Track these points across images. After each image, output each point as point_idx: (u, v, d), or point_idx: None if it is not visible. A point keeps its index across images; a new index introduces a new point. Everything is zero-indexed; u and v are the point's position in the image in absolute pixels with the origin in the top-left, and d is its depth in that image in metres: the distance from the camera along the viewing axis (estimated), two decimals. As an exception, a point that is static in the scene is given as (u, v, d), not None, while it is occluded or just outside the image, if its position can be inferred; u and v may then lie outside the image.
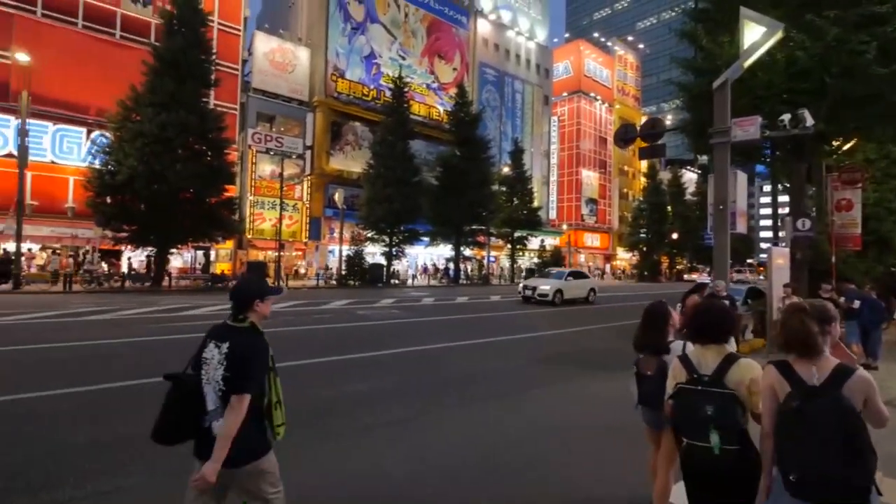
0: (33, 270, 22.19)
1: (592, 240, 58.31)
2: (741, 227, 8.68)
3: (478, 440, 4.60)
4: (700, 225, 49.07)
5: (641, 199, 54.46)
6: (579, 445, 4.62)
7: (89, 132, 24.79)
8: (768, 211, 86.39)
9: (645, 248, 52.01)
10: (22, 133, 19.51)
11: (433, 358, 8.51)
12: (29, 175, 23.63)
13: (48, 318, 11.48)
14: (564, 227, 52.19)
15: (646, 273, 52.40)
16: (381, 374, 7.13)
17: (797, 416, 1.70)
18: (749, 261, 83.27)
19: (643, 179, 56.28)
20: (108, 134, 22.42)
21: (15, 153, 23.30)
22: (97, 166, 20.60)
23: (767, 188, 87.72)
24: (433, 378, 7.11)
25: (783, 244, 10.31)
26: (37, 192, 24.13)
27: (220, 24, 29.90)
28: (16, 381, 6.08)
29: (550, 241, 49.32)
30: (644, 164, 62.45)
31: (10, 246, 23.34)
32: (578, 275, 21.91)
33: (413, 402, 5.74)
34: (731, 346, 2.28)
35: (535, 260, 43.14)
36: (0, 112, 22.89)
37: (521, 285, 21.16)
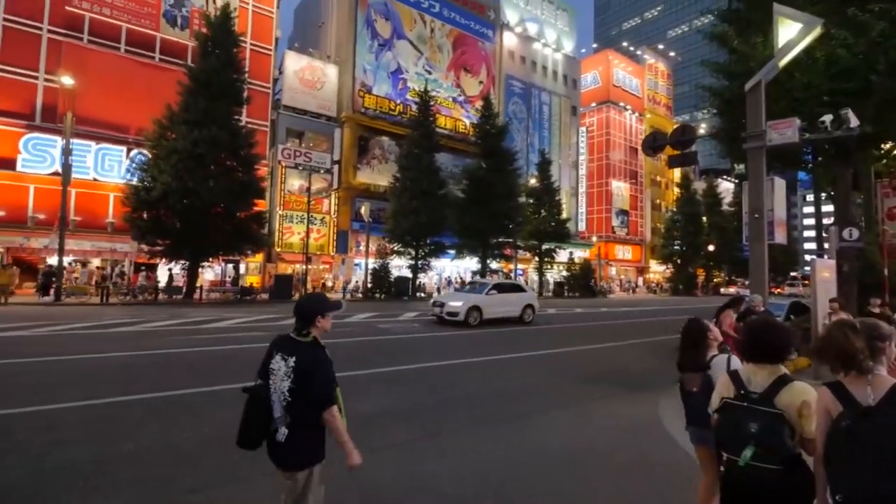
0: (79, 282, 23.08)
1: (624, 252, 56.83)
2: (780, 238, 8.09)
3: (486, 469, 4.28)
4: (738, 237, 47.04)
5: (675, 209, 52.84)
6: (599, 480, 4.23)
7: (129, 150, 25.88)
8: (811, 221, 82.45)
9: (679, 261, 50.28)
10: (66, 152, 20.52)
11: (448, 374, 8.22)
12: (73, 192, 24.85)
13: (73, 329, 11.79)
14: (594, 239, 51.07)
15: (680, 287, 50.60)
16: (391, 392, 6.90)
17: (847, 436, 1.69)
18: (792, 273, 79.43)
19: (676, 190, 54.67)
20: (145, 152, 23.38)
21: (61, 171, 24.66)
22: (134, 183, 21.37)
23: (811, 197, 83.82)
24: (444, 396, 6.82)
25: (828, 256, 9.58)
26: (80, 208, 25.30)
27: (252, 44, 30.99)
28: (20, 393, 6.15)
29: (580, 254, 48.30)
30: (677, 174, 60.75)
31: (55, 259, 24.63)
32: (509, 287, 17.57)
33: (421, 423, 5.47)
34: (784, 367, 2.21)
35: (564, 273, 42.25)
36: (48, 133, 24.11)
37: (431, 301, 17.53)
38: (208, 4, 28.72)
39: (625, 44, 73.26)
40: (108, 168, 25.89)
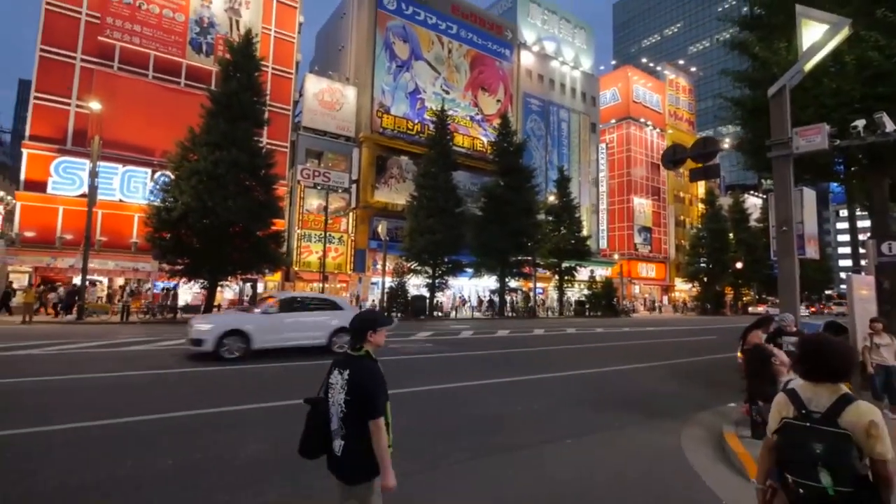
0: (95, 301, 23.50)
1: (647, 270, 55.41)
2: (811, 252, 7.51)
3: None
4: (767, 254, 45.26)
5: (699, 226, 51.43)
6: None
7: (154, 172, 26.58)
8: (846, 238, 79.26)
9: (706, 279, 48.69)
10: (91, 174, 21.14)
11: (455, 398, 7.80)
12: (99, 213, 25.62)
13: (81, 349, 11.82)
14: (616, 256, 49.97)
15: (708, 306, 48.87)
16: (393, 417, 6.52)
17: None
18: (827, 292, 76.09)
19: (701, 206, 53.33)
20: (168, 173, 23.94)
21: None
22: (156, 203, 21.80)
23: (844, 212, 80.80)
24: (450, 422, 6.42)
25: (866, 272, 8.90)
26: (106, 228, 25.97)
27: (273, 68, 31.79)
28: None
29: (601, 272, 47.25)
30: (701, 190, 59.41)
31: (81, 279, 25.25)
32: (310, 304, 12.35)
33: (420, 453, 5.08)
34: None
35: (586, 292, 41.28)
36: (78, 156, 24.97)
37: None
38: (232, 31, 29.67)
39: (644, 60, 72.85)
40: (134, 189, 26.60)
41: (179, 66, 28.60)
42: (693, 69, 69.21)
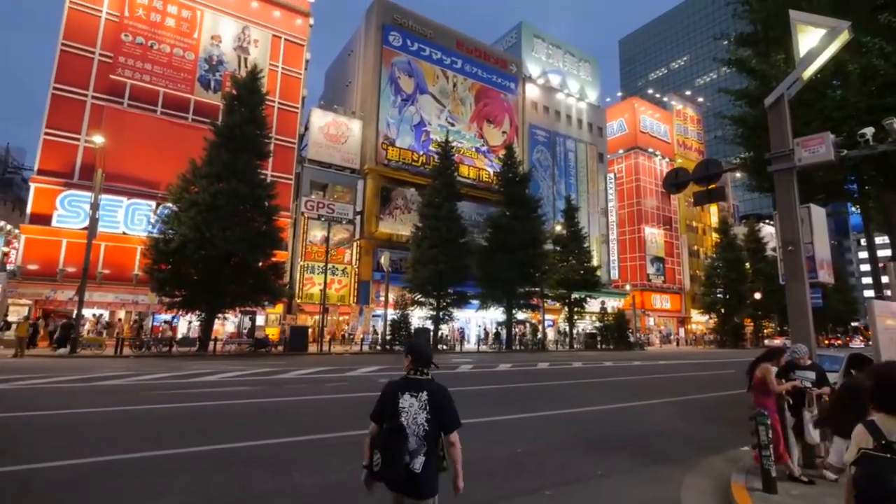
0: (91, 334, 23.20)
1: (662, 301, 53.87)
2: (824, 277, 6.76)
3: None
4: (787, 283, 43.82)
5: (714, 255, 50.13)
6: None
7: (158, 205, 26.72)
8: (869, 267, 76.81)
9: (723, 310, 46.99)
10: (93, 207, 21.20)
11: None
12: (102, 245, 25.74)
13: (52, 383, 11.31)
14: (627, 287, 48.70)
15: (726, 338, 46.97)
16: (351, 463, 5.79)
17: None
18: (854, 324, 73.04)
19: (715, 235, 52.17)
20: (171, 205, 24.00)
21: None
22: (155, 235, 21.71)
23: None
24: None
25: (890, 297, 8.06)
26: (109, 261, 25.99)
27: (280, 103, 32.42)
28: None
29: (613, 304, 45.96)
30: (714, 219, 58.41)
31: (88, 312, 25.09)
32: None
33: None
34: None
35: (597, 323, 39.99)
36: (83, 189, 25.27)
37: None
38: (240, 68, 30.41)
39: (648, 89, 73.41)
40: (137, 222, 26.74)
41: (188, 101, 29.26)
42: (700, 100, 69.35)
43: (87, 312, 25.53)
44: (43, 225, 24.62)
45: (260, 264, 23.64)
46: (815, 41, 6.51)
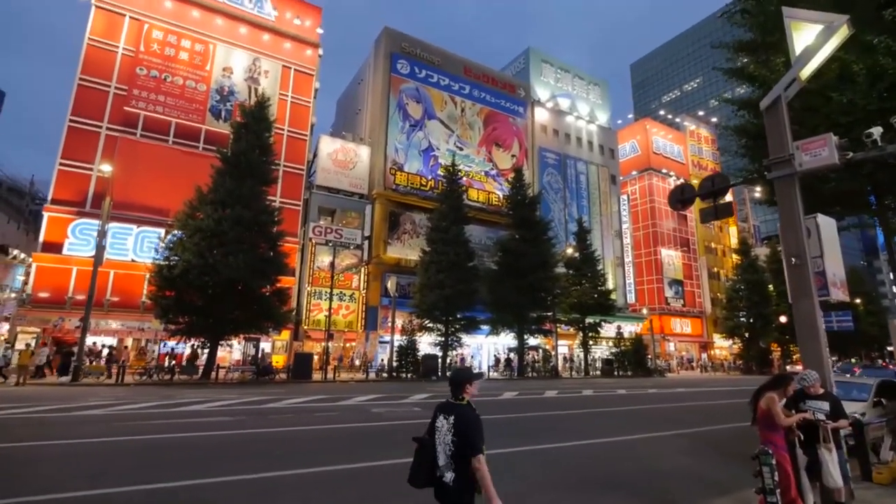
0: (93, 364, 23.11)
1: (682, 326, 52.03)
2: (837, 294, 6.08)
3: None
4: (814, 305, 41.88)
5: (735, 278, 48.40)
6: None
7: (167, 233, 26.98)
8: (903, 287, 73.43)
9: (747, 335, 44.99)
10: (99, 234, 21.45)
11: (402, 478, 6.40)
12: (111, 273, 25.96)
13: (23, 412, 11.00)
14: (644, 311, 47.17)
15: (752, 364, 44.82)
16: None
17: None
18: (890, 348, 69.44)
19: (735, 256, 50.55)
20: (177, 232, 24.16)
21: (107, 256, 25.86)
22: (159, 262, 21.75)
23: (897, 261, 75.35)
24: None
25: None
26: (117, 288, 26.16)
27: (289, 130, 32.94)
28: None
29: (630, 328, 44.50)
30: (734, 240, 56.81)
31: (95, 339, 25.19)
32: None
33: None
34: None
35: (614, 349, 38.58)
36: (95, 218, 25.55)
37: None
38: (251, 98, 31.03)
39: (661, 111, 72.99)
40: (146, 250, 26.89)
41: (199, 131, 29.88)
42: (714, 120, 68.53)
43: (97, 340, 25.72)
44: (54, 253, 24.98)
45: (264, 290, 23.48)
46: (811, 38, 6.02)
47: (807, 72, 6.12)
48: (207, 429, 9.25)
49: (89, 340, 25.38)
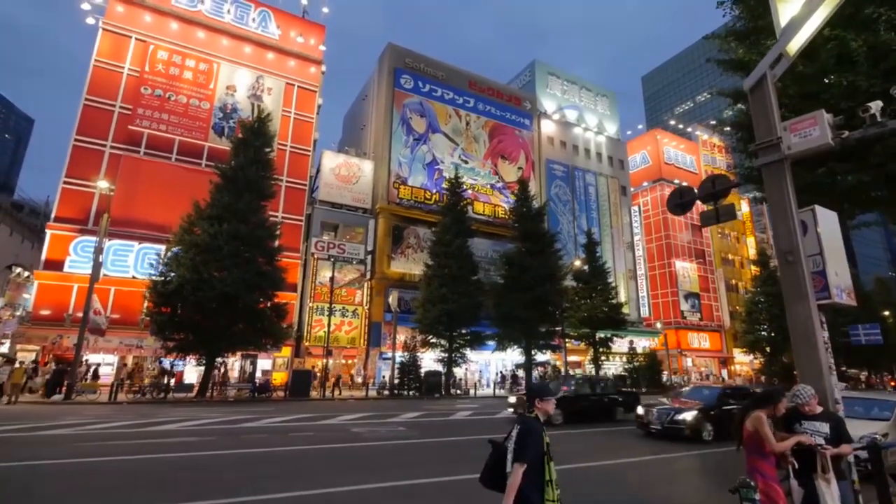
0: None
1: (700, 340, 50.14)
2: (841, 296, 5.29)
3: None
4: (840, 318, 39.88)
5: (755, 290, 46.56)
6: None
7: (167, 249, 26.93)
8: (936, 299, 69.97)
9: (769, 349, 42.98)
10: (97, 251, 21.40)
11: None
12: (112, 290, 25.93)
13: None
14: (658, 325, 45.56)
15: (775, 379, 42.69)
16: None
17: None
18: (924, 363, 65.96)
19: (753, 268, 48.75)
20: (175, 248, 24.03)
21: (106, 272, 25.86)
22: (155, 277, 21.56)
23: (928, 271, 72.27)
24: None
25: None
26: (118, 305, 26.08)
27: (292, 146, 32.98)
28: None
29: (644, 343, 43.01)
30: (752, 250, 55.04)
31: (95, 357, 25.06)
32: None
33: None
34: None
35: (628, 365, 37.16)
36: (96, 235, 25.70)
37: None
38: (253, 115, 31.16)
39: (672, 122, 71.94)
40: (147, 266, 26.72)
41: (202, 148, 30.04)
42: (728, 129, 67.27)
43: (91, 358, 25.57)
44: (56, 271, 25.05)
45: (262, 306, 23.10)
46: (796, 9, 5.35)
47: (794, 46, 5.44)
48: (164, 450, 8.67)
49: (95, 359, 25.42)
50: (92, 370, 23.91)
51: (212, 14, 32.31)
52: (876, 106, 4.66)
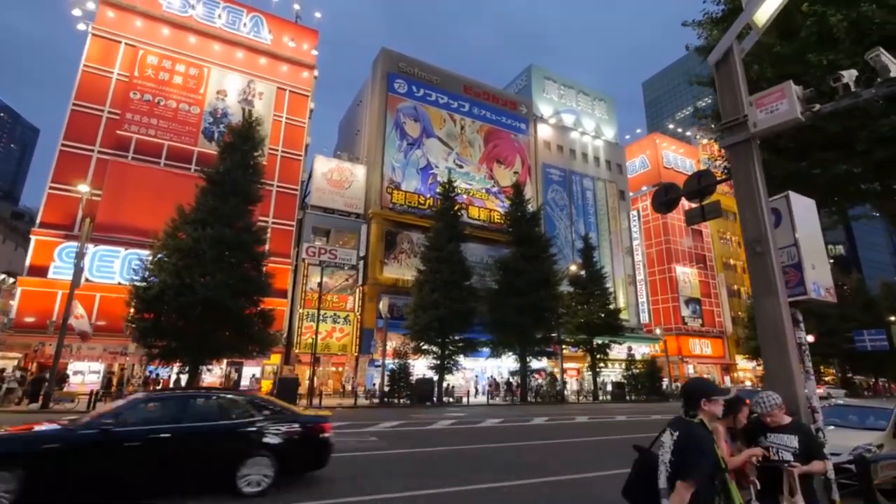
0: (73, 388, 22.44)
1: (702, 347, 49.27)
2: (818, 291, 4.74)
3: None
4: (844, 324, 39.03)
5: (756, 295, 45.78)
6: None
7: (153, 254, 26.51)
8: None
9: (772, 355, 42.08)
10: (78, 256, 21.03)
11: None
12: (98, 296, 25.54)
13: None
14: (658, 331, 44.75)
15: (779, 387, 41.78)
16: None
17: None
18: (933, 369, 64.70)
19: (755, 272, 47.94)
20: (160, 254, 23.60)
21: (91, 278, 25.53)
22: (136, 283, 21.12)
23: (935, 276, 71.17)
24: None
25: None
26: (103, 312, 25.62)
27: (283, 151, 32.66)
28: None
29: (644, 349, 42.23)
30: (754, 256, 54.15)
31: (79, 365, 24.64)
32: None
33: None
34: None
35: (626, 372, 36.36)
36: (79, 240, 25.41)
37: None
38: (244, 119, 30.91)
39: (671, 126, 71.48)
40: (133, 272, 26.46)
41: (191, 153, 29.75)
42: (706, 118, 66.74)
43: (82, 366, 25.16)
44: (40, 277, 24.69)
45: (249, 311, 22.60)
46: (764, -27, 4.86)
47: (762, 16, 4.94)
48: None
49: (80, 366, 25.00)
50: (57, 377, 23.45)
51: (203, 19, 32.20)
52: (849, 75, 4.14)
